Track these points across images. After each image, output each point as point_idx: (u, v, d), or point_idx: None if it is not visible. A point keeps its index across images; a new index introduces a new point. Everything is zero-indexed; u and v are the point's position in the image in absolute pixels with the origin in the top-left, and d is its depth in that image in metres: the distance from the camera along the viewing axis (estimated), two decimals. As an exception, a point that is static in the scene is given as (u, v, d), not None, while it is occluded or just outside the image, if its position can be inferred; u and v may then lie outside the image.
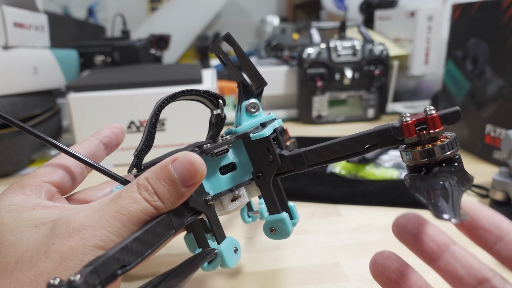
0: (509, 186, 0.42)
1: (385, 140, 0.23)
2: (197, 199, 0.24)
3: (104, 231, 0.19)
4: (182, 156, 0.21)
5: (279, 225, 0.27)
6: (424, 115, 0.22)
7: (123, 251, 0.18)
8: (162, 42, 0.95)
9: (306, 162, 0.26)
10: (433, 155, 0.22)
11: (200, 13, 1.78)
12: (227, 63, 0.28)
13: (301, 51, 0.79)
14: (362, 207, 0.46)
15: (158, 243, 0.21)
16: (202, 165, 0.22)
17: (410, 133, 0.22)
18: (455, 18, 0.64)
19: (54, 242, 0.19)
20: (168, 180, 0.21)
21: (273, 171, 0.26)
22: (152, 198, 0.21)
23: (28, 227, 0.20)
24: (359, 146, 0.24)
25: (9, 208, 0.22)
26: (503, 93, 0.54)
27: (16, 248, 0.20)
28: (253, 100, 0.28)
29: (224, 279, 0.34)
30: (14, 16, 0.60)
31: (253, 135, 0.26)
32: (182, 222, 0.23)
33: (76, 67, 0.82)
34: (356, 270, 0.35)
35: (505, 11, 0.53)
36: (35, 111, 0.64)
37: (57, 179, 0.25)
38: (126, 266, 0.18)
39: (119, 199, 0.21)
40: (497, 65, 0.55)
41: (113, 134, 0.29)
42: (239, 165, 0.27)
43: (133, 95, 0.60)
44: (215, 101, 0.27)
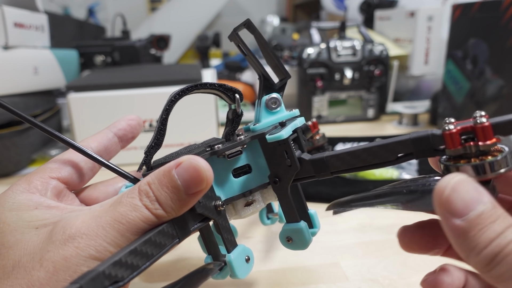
0: (509, 186, 0.42)
1: (422, 149, 0.20)
2: (206, 204, 0.22)
3: (100, 240, 0.18)
4: (187, 161, 0.19)
5: (296, 235, 0.25)
6: (472, 123, 0.18)
7: (115, 265, 0.17)
8: (162, 42, 0.95)
9: (328, 169, 0.23)
10: (482, 173, 0.18)
11: (200, 13, 1.78)
12: (246, 53, 0.25)
13: (301, 51, 0.79)
14: (362, 207, 0.46)
15: (158, 254, 0.19)
16: (208, 172, 0.20)
17: (454, 144, 0.19)
18: (455, 18, 0.64)
19: (50, 250, 0.18)
20: (171, 186, 0.19)
21: (292, 176, 0.24)
22: (154, 205, 0.19)
23: (28, 228, 0.20)
24: (390, 155, 0.21)
25: (12, 206, 0.21)
26: (503, 93, 0.54)
27: (15, 250, 0.19)
28: (274, 95, 0.25)
29: (224, 279, 0.34)
30: (14, 16, 0.60)
31: (269, 137, 0.23)
32: (187, 230, 0.21)
33: (76, 67, 0.82)
34: (356, 270, 0.35)
35: (505, 11, 0.53)
36: (35, 111, 0.64)
37: (65, 175, 0.24)
38: (118, 282, 0.17)
39: (119, 205, 0.19)
40: (497, 65, 0.56)
41: (129, 126, 0.28)
42: (255, 167, 0.25)
43: (133, 95, 0.60)
44: (231, 96, 0.25)
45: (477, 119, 0.18)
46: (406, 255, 0.37)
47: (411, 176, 0.52)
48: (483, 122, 0.18)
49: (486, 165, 0.18)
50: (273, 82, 0.26)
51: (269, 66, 0.27)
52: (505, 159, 0.18)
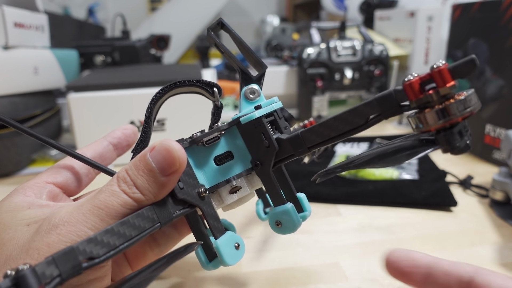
0: (509, 186, 0.42)
1: (389, 108, 0.20)
2: (188, 191, 0.23)
3: (80, 226, 0.19)
4: (159, 144, 0.21)
5: (285, 218, 0.25)
6: (429, 71, 0.19)
7: (90, 243, 0.18)
8: (162, 42, 0.95)
9: (305, 144, 0.23)
10: (447, 115, 0.18)
11: (200, 13, 1.78)
12: (223, 50, 0.26)
13: (301, 51, 0.79)
14: (362, 207, 0.46)
15: (138, 236, 0.20)
16: (180, 152, 0.21)
17: (415, 93, 0.19)
18: (455, 18, 0.64)
19: (35, 240, 0.19)
20: (147, 170, 0.20)
21: (271, 157, 0.24)
22: (131, 189, 0.20)
23: (21, 226, 0.21)
24: (360, 119, 0.21)
25: (8, 208, 0.22)
26: (503, 93, 0.54)
27: (8, 246, 0.20)
28: (252, 85, 0.26)
29: (224, 279, 0.34)
30: (14, 16, 0.60)
31: (243, 118, 0.24)
32: (169, 215, 0.22)
33: (76, 67, 0.82)
34: (356, 270, 0.35)
35: (505, 11, 0.53)
36: (35, 111, 0.64)
37: (60, 180, 0.25)
38: (94, 258, 0.18)
39: (99, 193, 0.20)
40: (497, 65, 0.56)
41: (123, 135, 0.29)
42: (237, 154, 0.25)
43: (133, 95, 0.60)
44: (210, 90, 0.26)
45: (434, 66, 0.18)
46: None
47: (410, 176, 0.52)
48: (439, 65, 0.18)
49: (449, 107, 0.18)
50: (250, 73, 0.26)
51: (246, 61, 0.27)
52: (469, 99, 0.18)
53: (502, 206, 0.44)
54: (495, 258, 0.36)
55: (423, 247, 0.38)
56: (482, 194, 0.48)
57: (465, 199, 0.47)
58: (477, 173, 0.53)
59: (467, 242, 0.39)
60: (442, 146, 0.19)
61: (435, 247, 0.38)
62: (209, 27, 0.26)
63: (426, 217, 0.44)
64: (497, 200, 0.44)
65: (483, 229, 0.41)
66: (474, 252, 0.37)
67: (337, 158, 0.60)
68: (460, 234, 0.40)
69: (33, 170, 0.62)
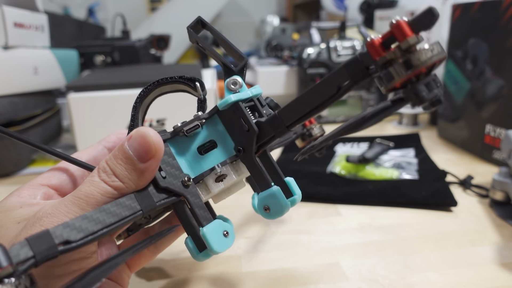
0: (509, 186, 0.42)
1: (356, 73, 0.20)
2: (171, 181, 0.23)
3: (62, 216, 0.20)
4: (135, 132, 0.21)
5: (272, 201, 0.24)
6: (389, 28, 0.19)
7: (65, 227, 0.18)
8: (162, 42, 0.95)
9: (284, 123, 0.23)
10: (410, 67, 0.18)
11: (200, 13, 1.76)
12: (204, 47, 0.26)
13: (301, 51, 0.79)
14: (362, 207, 0.46)
15: (116, 223, 0.20)
16: (155, 137, 0.21)
17: (378, 52, 0.19)
18: (455, 18, 0.64)
19: (21, 233, 0.20)
20: (124, 158, 0.21)
21: (252, 140, 0.24)
22: (110, 178, 0.21)
23: (12, 224, 0.21)
24: (331, 88, 0.21)
25: (2, 209, 0.23)
26: (503, 93, 0.54)
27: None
28: (234, 77, 0.26)
29: (224, 279, 0.34)
30: (14, 16, 0.60)
31: (219, 103, 0.24)
32: (152, 204, 0.22)
33: (76, 67, 0.82)
34: (356, 270, 0.35)
35: (505, 11, 0.53)
36: (35, 111, 0.64)
37: (55, 182, 0.25)
38: (70, 242, 0.18)
39: (81, 185, 0.21)
40: (497, 65, 0.55)
41: (118, 139, 0.29)
42: (220, 142, 0.25)
43: (133, 95, 0.59)
44: (192, 85, 0.26)
45: (392, 21, 0.18)
46: (406, 255, 0.37)
47: (410, 176, 0.52)
48: (398, 19, 0.18)
49: (410, 57, 0.18)
50: (230, 66, 0.26)
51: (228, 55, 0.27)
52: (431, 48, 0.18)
53: (502, 206, 0.44)
54: (495, 258, 0.36)
55: (423, 247, 0.38)
56: (482, 194, 0.48)
57: (465, 199, 0.47)
58: (477, 173, 0.53)
59: (467, 242, 0.39)
60: (410, 99, 0.19)
61: (435, 247, 0.38)
62: (188, 25, 0.26)
63: (426, 217, 0.44)
64: (497, 200, 0.44)
65: (483, 229, 0.41)
66: (474, 252, 0.37)
67: (337, 158, 0.60)
68: (460, 234, 0.40)
69: (33, 170, 0.62)
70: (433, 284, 0.33)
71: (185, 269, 0.36)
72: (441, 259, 0.36)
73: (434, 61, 0.18)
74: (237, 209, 0.46)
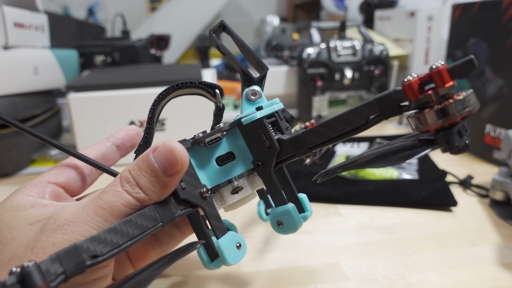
0: (509, 186, 0.42)
1: (388, 108, 0.20)
2: (190, 191, 0.23)
3: (84, 226, 0.19)
4: (162, 145, 0.21)
5: (286, 218, 0.25)
6: (429, 71, 0.19)
7: (93, 241, 0.18)
8: (162, 42, 0.95)
9: (306, 144, 0.23)
10: (446, 115, 0.18)
11: (200, 13, 1.78)
12: (225, 52, 0.26)
13: (301, 51, 0.79)
14: (362, 207, 0.46)
15: (140, 235, 0.20)
16: (182, 152, 0.21)
17: (414, 94, 0.19)
18: (455, 18, 0.64)
19: (41, 239, 0.19)
20: (149, 170, 0.21)
21: (273, 157, 0.24)
22: (134, 190, 0.20)
23: (24, 225, 0.21)
24: (360, 119, 0.21)
25: (10, 207, 0.22)
26: (503, 93, 0.54)
27: (12, 245, 0.20)
28: (253, 87, 0.26)
29: (224, 279, 0.34)
30: (14, 16, 0.60)
31: (245, 119, 0.25)
32: (171, 215, 0.22)
33: (76, 67, 0.82)
34: (356, 270, 0.35)
35: (505, 11, 0.53)
36: (35, 111, 0.64)
37: (63, 180, 0.25)
38: (97, 256, 0.18)
39: (103, 193, 0.21)
40: (497, 65, 0.56)
41: (127, 136, 0.29)
42: (238, 154, 0.26)
43: (133, 95, 0.60)
44: (212, 92, 0.26)
45: (433, 66, 0.19)
46: (406, 255, 0.37)
47: (410, 176, 0.52)
48: (438, 66, 0.18)
49: (448, 107, 0.18)
50: (251, 75, 0.26)
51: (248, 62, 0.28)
52: (468, 99, 0.18)
53: (502, 206, 0.44)
54: (495, 258, 0.36)
55: (423, 247, 0.38)
56: (482, 194, 0.48)
57: (465, 199, 0.47)
58: (477, 173, 0.53)
59: (467, 242, 0.39)
60: (441, 145, 0.19)
61: (435, 247, 0.38)
62: (211, 29, 0.26)
63: (426, 217, 0.44)
64: (497, 200, 0.44)
65: (483, 229, 0.41)
66: (474, 252, 0.37)
67: (337, 158, 0.60)
68: (460, 234, 0.40)
69: (33, 170, 0.62)
70: (433, 284, 0.33)
71: (185, 269, 0.36)
72: (441, 259, 0.36)
73: (469, 112, 0.18)
74: (238, 209, 0.46)
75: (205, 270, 0.35)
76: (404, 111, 0.20)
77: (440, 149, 0.20)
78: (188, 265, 0.36)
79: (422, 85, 0.19)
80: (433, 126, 0.19)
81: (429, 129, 0.19)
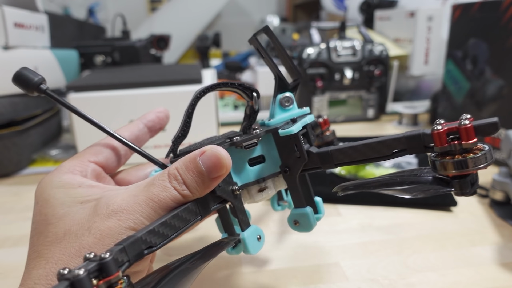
0: (508, 186, 0.42)
1: (415, 146, 0.23)
2: (224, 189, 0.25)
3: (137, 215, 0.21)
4: (210, 150, 0.23)
5: (303, 219, 0.28)
6: (457, 125, 0.21)
7: (150, 233, 0.20)
8: (162, 42, 0.95)
9: (333, 161, 0.26)
10: (465, 167, 0.21)
11: (200, 13, 1.78)
12: (264, 55, 0.28)
13: (301, 51, 0.79)
14: (362, 207, 0.47)
15: (184, 227, 0.22)
16: (228, 160, 0.23)
17: (441, 142, 0.22)
18: (455, 18, 0.64)
19: (96, 221, 0.21)
20: (196, 171, 0.23)
21: (300, 166, 0.27)
22: (181, 187, 0.22)
23: (74, 203, 0.23)
24: (387, 150, 0.24)
25: (59, 184, 0.24)
26: (503, 93, 0.54)
27: (65, 220, 0.22)
28: (287, 94, 0.28)
29: (224, 279, 0.34)
30: (15, 16, 0.60)
31: (282, 132, 0.26)
32: (208, 209, 0.24)
33: (76, 67, 0.82)
34: (356, 270, 0.35)
35: (505, 11, 0.53)
36: (35, 111, 0.64)
37: (101, 159, 0.27)
38: (152, 247, 0.20)
39: (152, 186, 0.22)
40: (497, 65, 0.56)
41: (157, 118, 0.31)
42: (268, 158, 0.27)
43: (133, 95, 0.60)
44: (249, 94, 0.27)
45: (461, 121, 0.21)
46: (406, 255, 0.37)
47: (411, 176, 0.52)
48: (466, 124, 0.21)
49: (468, 161, 0.21)
50: (287, 82, 0.28)
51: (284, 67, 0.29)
52: (485, 156, 0.21)
53: (502, 206, 0.44)
54: (495, 258, 0.36)
55: (423, 247, 0.38)
56: (482, 194, 0.48)
57: (465, 199, 0.47)
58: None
59: (467, 242, 0.39)
60: (455, 190, 0.22)
61: (435, 247, 0.38)
62: (255, 32, 0.28)
63: (426, 217, 0.44)
64: (497, 200, 0.44)
65: (483, 229, 0.41)
66: (474, 252, 0.37)
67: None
68: (460, 234, 0.40)
69: (33, 170, 0.62)
70: (433, 284, 0.33)
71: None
72: (441, 259, 0.36)
73: (484, 167, 0.21)
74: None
75: (205, 270, 0.35)
76: (428, 152, 0.23)
77: (453, 192, 0.22)
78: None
79: (448, 134, 0.22)
80: (452, 173, 0.22)
81: (448, 175, 0.22)
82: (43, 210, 0.23)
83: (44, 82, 0.26)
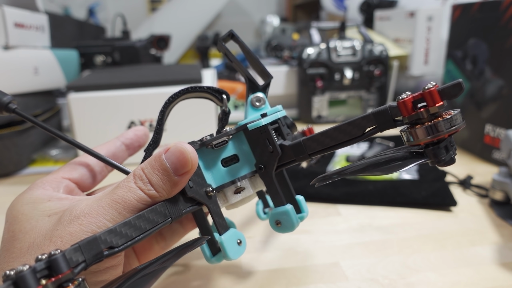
0: (508, 186, 0.42)
1: (384, 121, 0.22)
2: (197, 190, 0.24)
3: (100, 218, 0.21)
4: (173, 146, 0.22)
5: (284, 218, 0.27)
6: (421, 90, 0.21)
7: (111, 233, 0.19)
8: (162, 42, 0.95)
9: (306, 151, 0.25)
10: (435, 132, 0.20)
11: (200, 13, 1.78)
12: (232, 60, 0.28)
13: (301, 51, 0.80)
14: (362, 207, 0.47)
15: (151, 229, 0.21)
16: (192, 154, 0.22)
17: (408, 110, 0.21)
18: (455, 18, 0.64)
19: (58, 229, 0.21)
20: (161, 169, 0.22)
21: (275, 162, 0.26)
22: (146, 187, 0.22)
23: (42, 217, 0.22)
24: (357, 131, 0.23)
25: (29, 200, 0.24)
26: (503, 93, 0.54)
27: (30, 235, 0.22)
28: (258, 94, 0.28)
29: (224, 279, 0.34)
30: (15, 16, 0.60)
31: (250, 125, 0.26)
32: (179, 212, 0.23)
33: (77, 67, 0.82)
34: (356, 270, 0.35)
35: (505, 11, 0.53)
36: (35, 111, 0.64)
37: (76, 176, 0.27)
38: (114, 247, 0.19)
39: (117, 188, 0.22)
40: (496, 65, 0.56)
41: (135, 136, 0.31)
42: (242, 157, 0.27)
43: (133, 95, 0.60)
44: (219, 96, 0.28)
45: (425, 86, 0.21)
46: (406, 255, 0.37)
47: (410, 176, 0.52)
48: (430, 87, 0.21)
49: (437, 124, 0.20)
50: (257, 82, 0.28)
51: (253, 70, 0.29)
52: (455, 118, 0.20)
53: (502, 206, 0.44)
54: (495, 258, 0.36)
55: (423, 247, 0.38)
56: (482, 194, 0.48)
57: (465, 199, 0.47)
58: (477, 173, 0.53)
59: (467, 242, 0.39)
60: (429, 158, 0.21)
61: (435, 247, 0.38)
62: (220, 37, 0.28)
63: (426, 217, 0.44)
64: (497, 200, 0.44)
65: (483, 229, 0.41)
66: (474, 252, 0.37)
67: (337, 158, 0.60)
68: (460, 234, 0.40)
69: (33, 170, 0.62)
70: (433, 284, 0.33)
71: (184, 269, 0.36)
72: (441, 259, 0.36)
73: (456, 129, 0.21)
74: (237, 209, 0.46)
75: (205, 270, 0.35)
76: (398, 125, 0.22)
77: (428, 162, 0.22)
78: (188, 259, 0.36)
79: (415, 103, 0.21)
80: (423, 141, 0.21)
81: (419, 143, 0.21)
82: (11, 227, 0.23)
83: (13, 102, 0.25)
